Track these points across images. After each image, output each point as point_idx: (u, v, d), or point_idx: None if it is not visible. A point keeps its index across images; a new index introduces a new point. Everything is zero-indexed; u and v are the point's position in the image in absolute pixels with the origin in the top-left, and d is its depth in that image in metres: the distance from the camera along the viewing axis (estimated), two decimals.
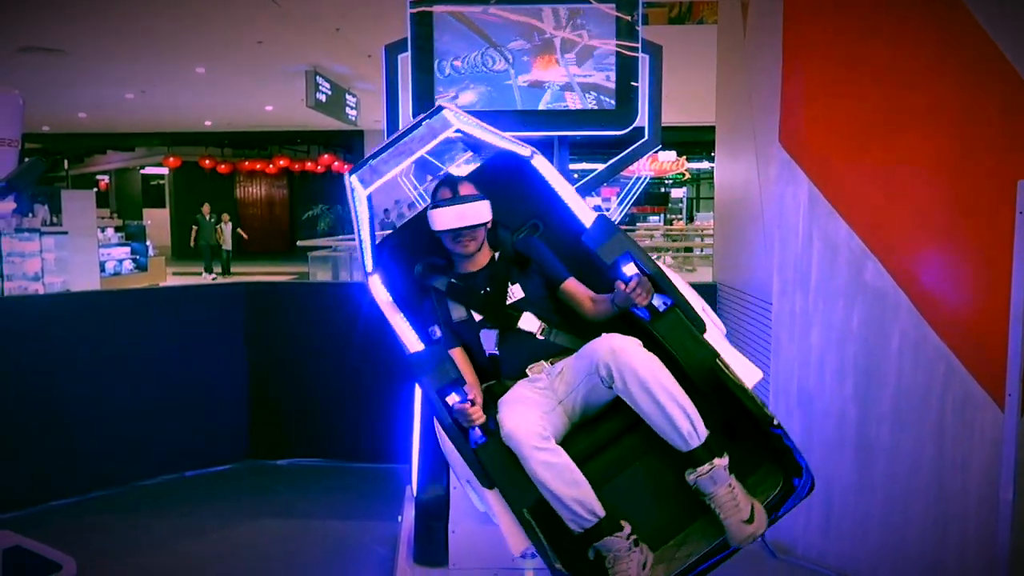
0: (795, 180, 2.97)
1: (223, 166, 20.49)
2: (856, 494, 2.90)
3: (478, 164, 2.70)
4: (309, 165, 20.35)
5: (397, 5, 3.25)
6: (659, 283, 2.06)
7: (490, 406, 2.13)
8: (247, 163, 20.88)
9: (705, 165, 22.82)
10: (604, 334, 2.02)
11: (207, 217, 16.05)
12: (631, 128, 3.17)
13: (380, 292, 2.37)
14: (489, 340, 2.28)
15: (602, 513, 1.91)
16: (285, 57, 10.71)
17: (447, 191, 2.32)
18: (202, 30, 9.19)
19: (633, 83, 3.09)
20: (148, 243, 13.43)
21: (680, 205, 24.70)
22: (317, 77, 11.40)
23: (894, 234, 2.75)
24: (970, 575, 2.68)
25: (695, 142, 19.30)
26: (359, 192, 2.24)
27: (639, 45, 3.11)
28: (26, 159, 2.94)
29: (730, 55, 3.85)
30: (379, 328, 2.34)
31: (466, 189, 2.32)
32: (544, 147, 2.87)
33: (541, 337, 2.25)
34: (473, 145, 2.84)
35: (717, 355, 2.00)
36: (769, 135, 3.11)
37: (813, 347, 2.96)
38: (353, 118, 13.47)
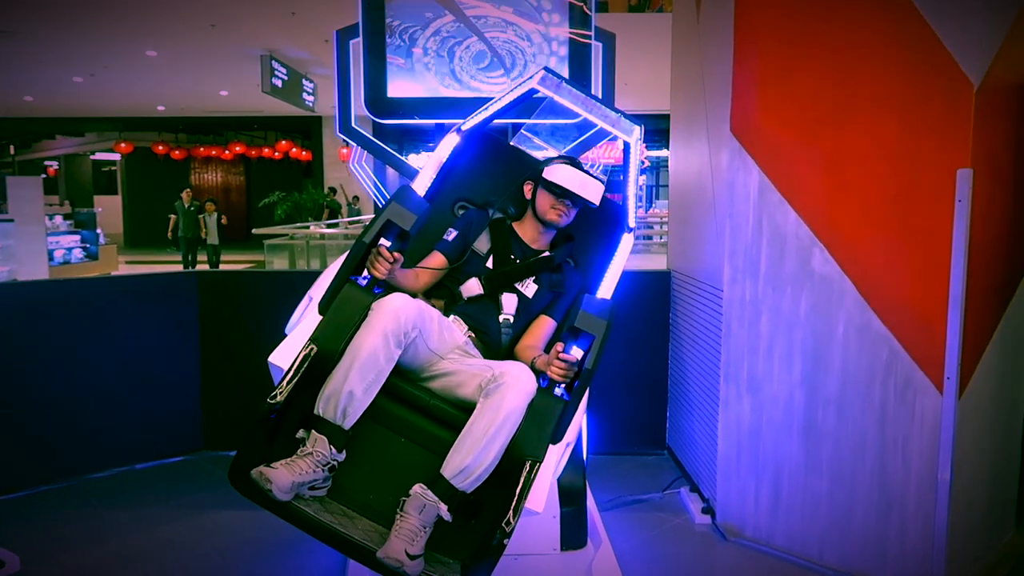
0: (745, 168, 3.01)
1: (177, 152, 20.04)
2: (804, 476, 2.97)
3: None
4: (266, 151, 20.01)
5: None
6: (580, 384, 2.10)
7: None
8: (202, 149, 20.45)
9: (664, 153, 22.99)
10: (522, 366, 2.08)
11: (187, 205, 13.54)
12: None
13: (443, 151, 2.46)
14: (470, 287, 2.36)
15: (347, 427, 1.95)
16: (240, 41, 10.48)
17: (570, 161, 2.41)
18: (152, 12, 8.94)
19: (586, 73, 3.10)
20: (99, 231, 13.08)
21: (639, 192, 24.85)
22: (273, 62, 11.19)
23: (840, 222, 2.81)
24: (910, 551, 2.77)
25: (654, 130, 19.40)
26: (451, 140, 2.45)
27: (592, 33, 3.11)
28: None
29: (684, 42, 3.88)
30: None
31: (593, 179, 2.39)
32: (499, 134, 2.88)
33: (501, 321, 2.35)
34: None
35: (539, 461, 1.99)
36: (721, 124, 3.15)
37: (762, 334, 3.02)
38: (311, 104, 13.27)
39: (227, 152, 20.15)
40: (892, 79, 2.67)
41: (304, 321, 2.15)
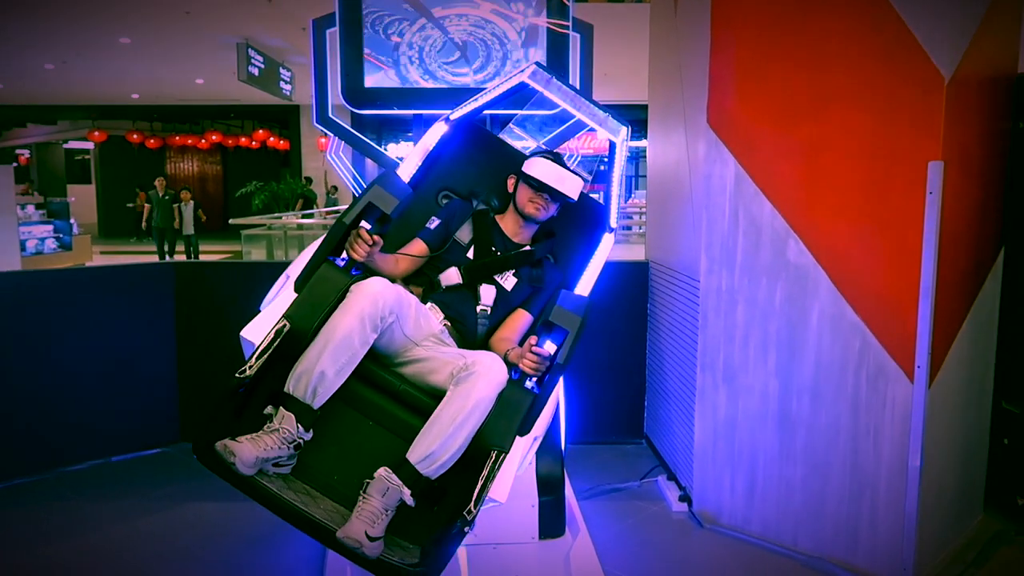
0: (722, 160, 3.03)
1: (152, 141, 19.75)
2: (779, 464, 3.02)
3: None
4: (243, 140, 19.77)
5: None
6: (551, 378, 2.11)
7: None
8: (178, 138, 20.17)
9: (644, 143, 23.05)
10: (495, 356, 2.09)
11: (161, 194, 13.03)
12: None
13: (430, 139, 2.45)
14: (449, 276, 2.37)
15: (316, 407, 1.96)
16: (215, 28, 10.35)
17: (552, 156, 2.41)
18: None
19: (564, 64, 3.10)
20: (72, 221, 12.88)
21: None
22: (249, 50, 11.06)
23: (815, 213, 2.85)
24: (881, 536, 2.82)
25: (634, 120, 19.41)
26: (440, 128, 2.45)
27: (570, 23, 3.12)
28: None
29: (662, 34, 3.89)
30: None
31: (571, 174, 2.39)
32: (478, 124, 2.89)
33: (478, 312, 2.36)
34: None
35: (504, 452, 2.00)
36: (698, 115, 3.17)
37: (738, 324, 3.05)
38: (288, 92, 13.14)
39: (203, 141, 19.89)
40: (866, 72, 2.70)
41: (279, 298, 2.14)
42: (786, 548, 3.01)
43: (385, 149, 19.25)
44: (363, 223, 2.09)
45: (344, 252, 2.11)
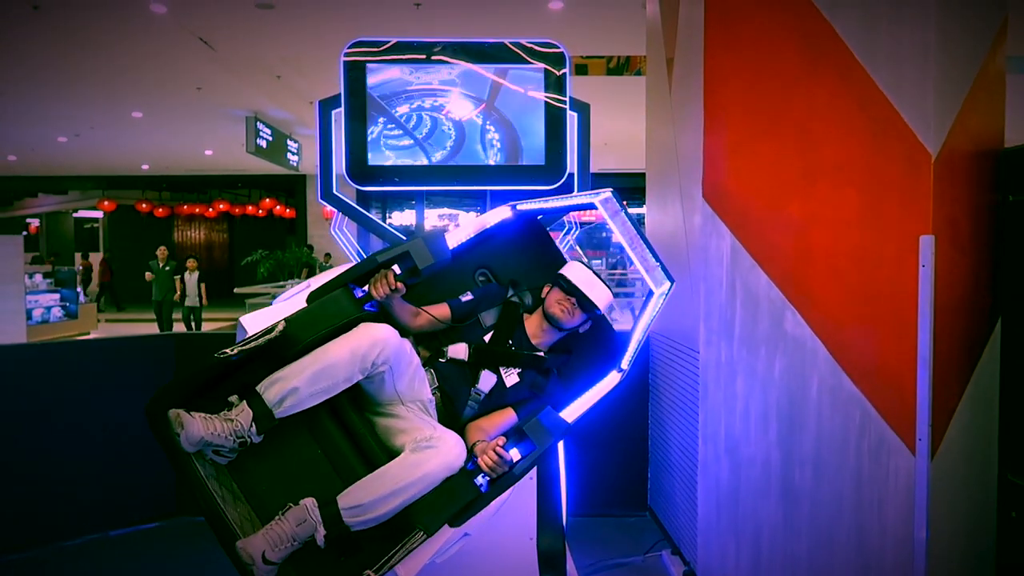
0: (718, 233, 3.09)
1: (160, 210, 20.08)
2: (784, 537, 2.97)
3: None
4: (250, 209, 20.10)
5: (338, 52, 3.31)
6: (502, 483, 2.12)
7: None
8: (186, 207, 20.51)
9: (643, 211, 23.33)
10: (459, 440, 2.12)
11: (162, 264, 11.85)
12: (560, 182, 3.28)
13: (491, 218, 2.48)
14: (457, 349, 2.41)
15: (277, 416, 1.96)
16: (225, 103, 10.65)
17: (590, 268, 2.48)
18: (138, 75, 9.10)
19: (562, 141, 3.20)
20: (79, 289, 13.00)
21: (621, 250, 25.11)
22: (258, 123, 11.35)
23: (810, 285, 2.88)
24: None
25: (635, 188, 19.75)
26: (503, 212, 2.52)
27: (567, 102, 3.22)
28: None
29: (658, 108, 4.00)
30: None
31: (604, 287, 2.44)
32: (480, 199, 2.96)
33: (471, 394, 2.39)
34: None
35: (427, 535, 2.01)
36: (693, 188, 3.24)
37: (738, 395, 3.05)
38: (295, 163, 13.42)
39: (211, 210, 20.22)
40: (853, 150, 2.78)
41: (290, 301, 2.16)
42: None
43: (390, 216, 19.51)
44: (394, 266, 2.12)
45: (367, 286, 2.14)
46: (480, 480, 2.05)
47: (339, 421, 2.12)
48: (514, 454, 2.06)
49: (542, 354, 2.47)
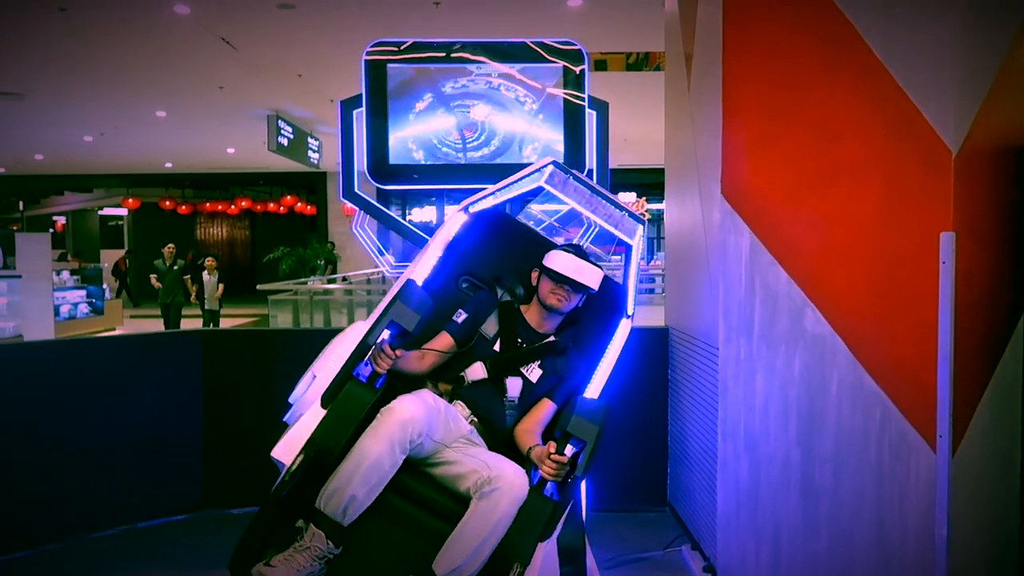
0: (737, 230, 3.09)
1: (183, 207, 20.33)
2: (804, 535, 2.98)
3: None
4: (272, 206, 20.28)
5: (359, 51, 3.35)
6: (569, 485, 2.16)
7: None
8: (208, 204, 20.74)
9: (663, 206, 23.24)
10: (516, 469, 2.13)
11: (168, 263, 10.85)
12: None
13: (451, 229, 2.47)
14: (475, 371, 2.40)
15: (346, 524, 2.00)
16: (247, 102, 10.76)
17: (574, 249, 2.47)
18: (162, 75, 9.22)
19: (581, 139, 3.22)
20: (105, 286, 13.21)
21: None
22: (279, 121, 11.46)
23: (829, 282, 2.88)
24: None
25: (655, 183, 19.68)
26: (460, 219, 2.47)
27: (586, 100, 3.24)
28: None
29: (676, 105, 4.01)
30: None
31: (591, 266, 2.43)
32: (501, 210, 2.98)
33: (506, 404, 2.39)
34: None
35: (525, 564, 2.05)
36: (712, 185, 3.25)
37: (758, 392, 3.06)
38: (315, 161, 13.53)
39: (233, 207, 20.43)
40: (873, 147, 2.77)
41: (306, 415, 2.17)
42: None
43: (410, 213, 19.60)
44: (384, 336, 2.12)
45: (368, 362, 2.15)
46: (549, 490, 2.09)
47: (402, 494, 2.15)
48: (568, 450, 2.09)
49: (552, 339, 2.49)
